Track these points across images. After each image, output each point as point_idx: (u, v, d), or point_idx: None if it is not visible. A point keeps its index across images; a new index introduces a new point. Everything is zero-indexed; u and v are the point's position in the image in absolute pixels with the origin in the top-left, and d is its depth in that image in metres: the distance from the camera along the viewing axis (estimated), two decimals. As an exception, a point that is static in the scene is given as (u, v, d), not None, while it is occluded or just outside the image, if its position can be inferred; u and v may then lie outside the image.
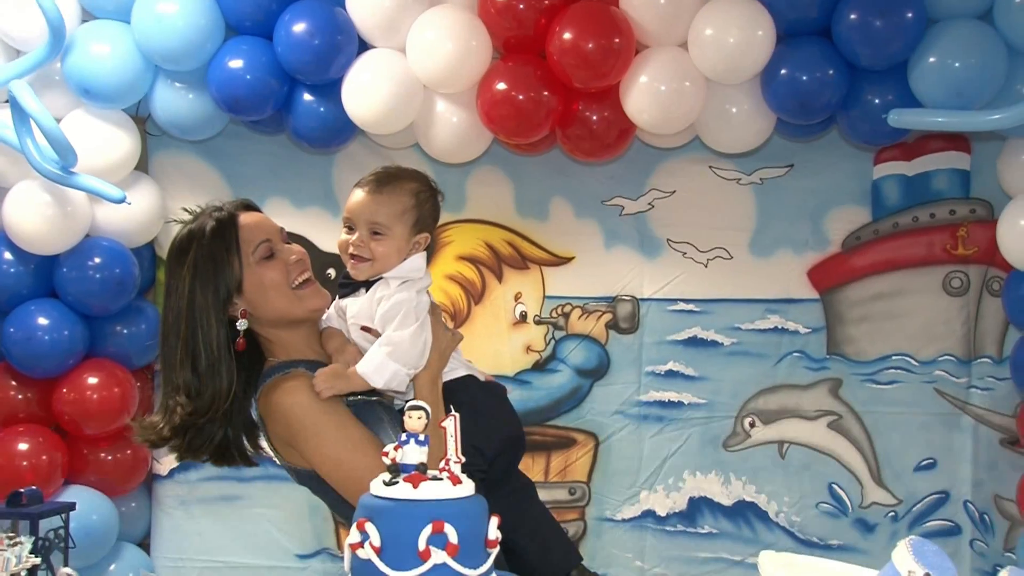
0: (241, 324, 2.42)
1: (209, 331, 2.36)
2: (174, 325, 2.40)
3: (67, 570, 3.26)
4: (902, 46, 3.74)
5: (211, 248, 2.39)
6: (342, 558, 3.15)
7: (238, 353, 2.41)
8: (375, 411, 2.43)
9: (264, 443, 2.48)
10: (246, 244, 2.42)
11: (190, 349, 2.37)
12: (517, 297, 4.49)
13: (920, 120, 3.81)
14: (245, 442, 2.50)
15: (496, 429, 2.48)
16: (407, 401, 2.35)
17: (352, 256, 2.45)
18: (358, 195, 2.48)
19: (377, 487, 1.83)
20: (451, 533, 1.75)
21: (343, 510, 2.39)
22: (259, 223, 2.47)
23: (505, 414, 2.57)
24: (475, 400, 2.47)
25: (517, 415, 2.62)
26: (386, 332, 2.38)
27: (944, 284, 4.33)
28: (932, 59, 3.72)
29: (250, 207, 2.53)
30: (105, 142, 4.10)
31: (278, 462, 2.48)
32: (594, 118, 4.03)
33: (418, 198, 2.45)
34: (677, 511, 4.44)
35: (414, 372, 2.37)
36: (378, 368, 2.34)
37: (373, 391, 2.45)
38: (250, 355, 2.45)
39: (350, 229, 2.47)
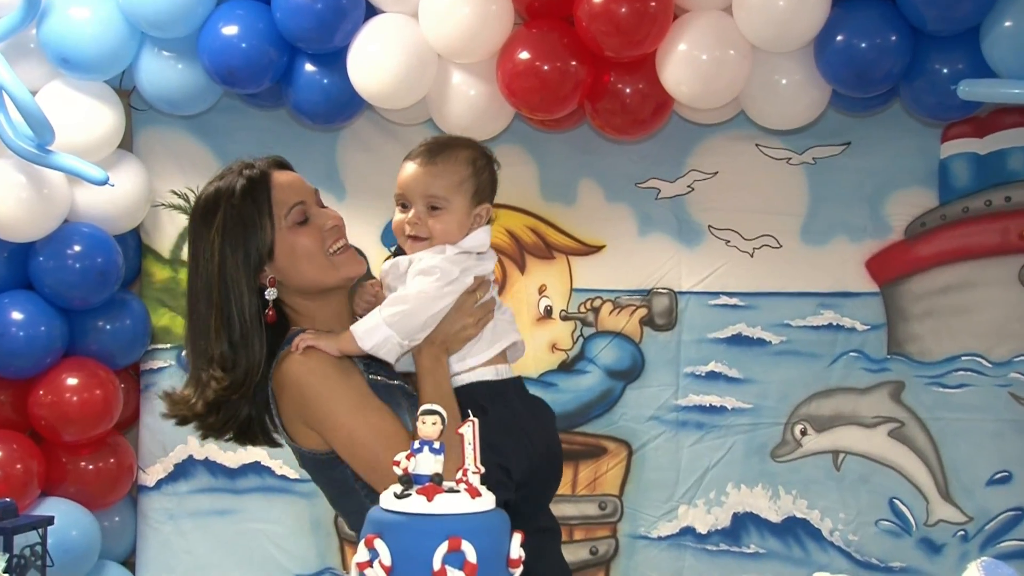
0: (270, 293, 2.43)
1: (241, 299, 2.38)
2: (204, 291, 2.40)
3: (44, 591, 3.28)
4: (974, 8, 3.72)
5: (241, 209, 2.39)
6: (347, 579, 3.15)
7: (266, 325, 2.43)
8: (394, 395, 2.44)
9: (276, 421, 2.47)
10: (279, 206, 2.43)
11: (225, 317, 2.38)
12: (542, 290, 4.49)
13: (994, 92, 3.79)
14: (267, 420, 2.50)
15: (531, 448, 2.44)
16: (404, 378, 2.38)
17: (410, 237, 2.45)
18: (410, 168, 2.48)
19: (388, 500, 1.83)
20: (469, 551, 1.74)
21: (345, 505, 2.41)
22: (293, 183, 2.49)
23: (546, 435, 2.54)
24: (511, 410, 2.45)
25: (559, 441, 2.59)
26: (398, 291, 2.38)
27: (1020, 276, 4.31)
28: (1008, 23, 3.69)
29: (283, 165, 2.54)
30: (85, 117, 4.11)
31: (285, 442, 2.47)
32: (627, 91, 4.03)
33: (475, 166, 2.46)
34: (719, 528, 4.44)
35: (408, 344, 2.35)
36: (370, 329, 2.33)
37: (394, 374, 2.47)
38: (272, 327, 2.45)
39: (404, 207, 2.47)
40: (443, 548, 1.74)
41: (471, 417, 1.86)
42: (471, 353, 2.45)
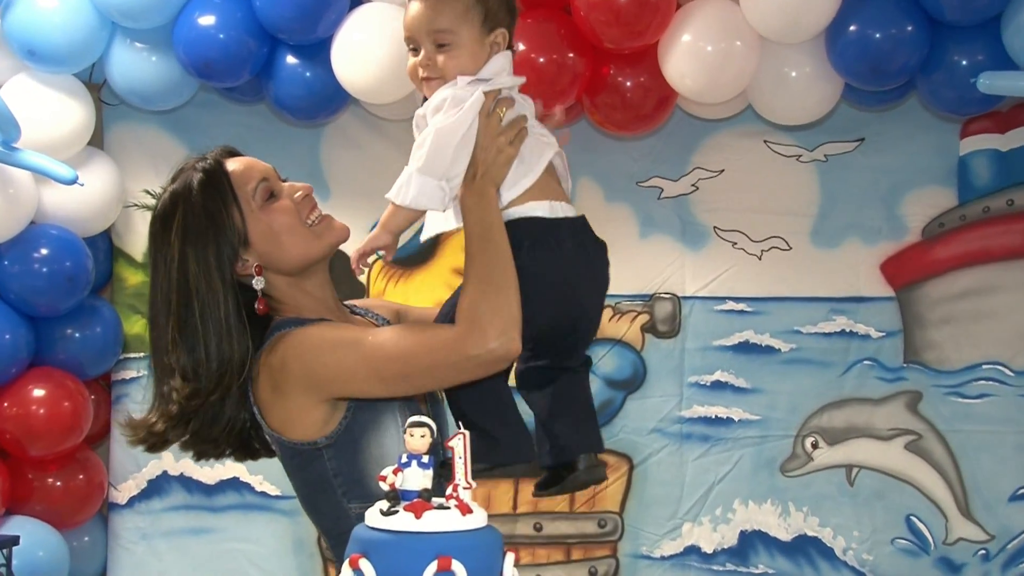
0: (258, 282, 2.41)
1: (213, 300, 2.35)
2: (163, 302, 2.39)
3: (9, 615, 3.27)
4: (994, -3, 3.74)
5: (204, 203, 2.37)
6: (331, 602, 3.15)
7: (253, 318, 2.41)
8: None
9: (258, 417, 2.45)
10: (242, 190, 2.41)
11: (183, 326, 2.36)
12: (538, 295, 4.48)
13: (1016, 85, 3.80)
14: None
15: (569, 302, 2.40)
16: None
17: (423, 79, 2.41)
18: (413, 7, 2.45)
19: (373, 517, 1.83)
20: (459, 570, 1.74)
21: (320, 504, 2.40)
22: (250, 164, 2.48)
23: (594, 289, 2.50)
24: (559, 253, 2.38)
25: (603, 299, 2.55)
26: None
27: (1045, 279, 4.33)
28: (1030, 12, 3.70)
29: (234, 152, 2.54)
30: (53, 113, 4.10)
31: (264, 429, 2.45)
32: (628, 84, 4.04)
33: None
34: (726, 547, 4.44)
35: (447, 184, 2.29)
36: (402, 184, 2.29)
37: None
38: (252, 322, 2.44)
39: (415, 50, 2.46)
40: (432, 568, 1.74)
41: (461, 430, 1.85)
42: (518, 175, 2.37)
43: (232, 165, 2.45)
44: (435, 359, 2.18)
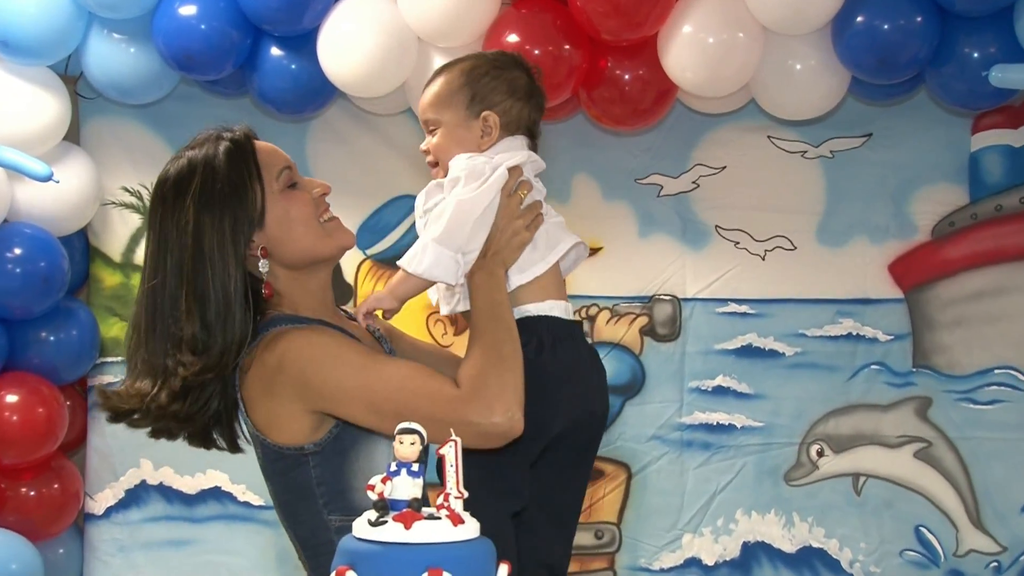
0: (264, 265, 2.42)
1: (224, 271, 2.34)
2: (175, 267, 2.36)
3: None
4: (1007, -14, 3.74)
5: (229, 173, 2.38)
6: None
7: (254, 302, 2.41)
8: None
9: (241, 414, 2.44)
10: (267, 169, 2.43)
11: (198, 294, 2.34)
12: (532, 297, 4.48)
13: (1029, 78, 3.81)
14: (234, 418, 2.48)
15: (587, 400, 2.46)
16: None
17: (429, 164, 2.52)
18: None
19: (361, 528, 1.82)
20: (451, 584, 1.74)
21: (299, 512, 2.40)
22: (276, 149, 2.51)
23: (602, 388, 2.55)
24: (578, 354, 2.45)
25: (608, 398, 2.58)
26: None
27: (1060, 280, 4.34)
28: (1044, 2, 3.71)
29: (256, 136, 2.54)
30: (27, 106, 4.10)
31: (248, 435, 2.43)
32: (626, 77, 4.05)
33: (471, 75, 2.50)
34: (728, 559, 4.44)
35: (462, 258, 2.35)
36: (417, 253, 2.34)
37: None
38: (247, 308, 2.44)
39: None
40: (423, 581, 1.73)
41: (453, 436, 1.85)
42: (530, 261, 2.45)
43: (260, 144, 2.48)
44: (434, 412, 2.19)
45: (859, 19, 3.83)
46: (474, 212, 2.34)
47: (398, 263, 2.37)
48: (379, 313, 2.44)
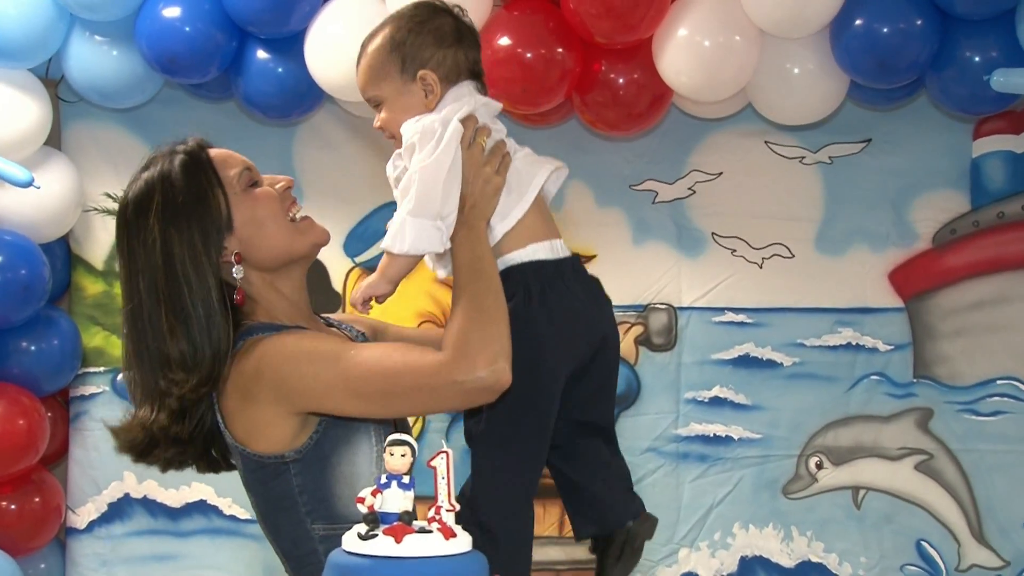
0: (238, 271, 2.42)
1: (201, 283, 2.35)
2: (149, 288, 2.37)
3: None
4: (1008, -11, 3.76)
5: (188, 185, 2.39)
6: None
7: (232, 308, 2.42)
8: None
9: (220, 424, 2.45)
10: (225, 174, 2.44)
11: (178, 311, 2.35)
12: (525, 305, 4.49)
13: (1031, 82, 3.82)
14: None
15: (590, 337, 2.44)
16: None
17: (387, 138, 2.50)
18: None
19: (351, 542, 1.83)
20: (443, 598, 1.75)
21: (280, 522, 2.40)
22: (231, 153, 2.51)
23: (605, 321, 2.52)
24: (571, 294, 2.42)
25: (617, 330, 2.56)
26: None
27: (1063, 289, 4.35)
28: (1047, 6, 3.73)
29: (209, 145, 2.55)
30: (7, 110, 4.10)
31: (227, 438, 2.44)
32: (620, 81, 4.05)
33: (394, 40, 2.45)
34: (725, 574, 4.45)
35: (443, 223, 2.32)
36: (396, 231, 2.31)
37: None
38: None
39: None
40: (414, 596, 1.74)
41: (445, 448, 1.86)
42: (508, 205, 2.42)
43: (213, 152, 2.48)
44: (418, 381, 2.19)
45: (858, 22, 3.84)
46: (439, 175, 2.31)
47: (381, 246, 2.34)
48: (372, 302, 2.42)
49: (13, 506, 4.28)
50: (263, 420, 2.33)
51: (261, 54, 4.08)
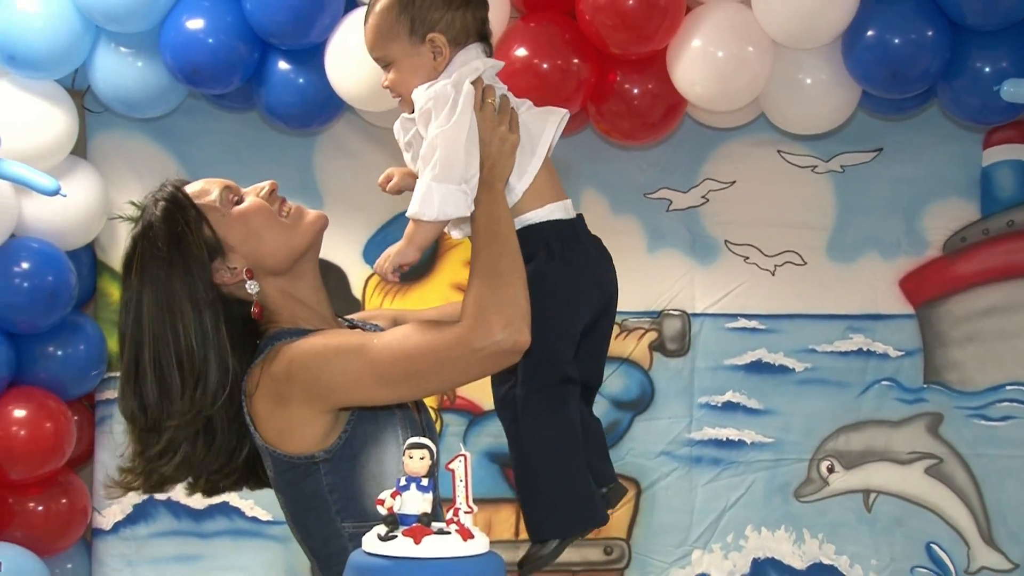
0: (252, 287, 2.44)
1: (183, 335, 2.38)
2: (120, 349, 2.42)
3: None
4: (1019, 0, 3.73)
5: (168, 230, 2.40)
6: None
7: (244, 325, 2.44)
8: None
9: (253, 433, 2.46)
10: (204, 201, 2.46)
11: (131, 371, 2.40)
12: (541, 312, 4.49)
13: (1041, 92, 3.81)
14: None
15: (601, 294, 2.46)
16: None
17: (394, 98, 2.48)
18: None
19: (371, 543, 1.83)
20: (461, 599, 1.74)
21: (310, 521, 2.41)
22: (206, 182, 2.52)
23: (612, 278, 2.52)
24: (587, 253, 2.43)
25: (617, 285, 2.55)
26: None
27: (1072, 296, 4.34)
28: (1056, 17, 3.72)
29: (187, 182, 2.56)
30: (34, 120, 4.10)
31: (257, 442, 2.44)
32: (635, 91, 4.05)
33: (401, 2, 2.41)
34: (738, 576, 4.43)
35: (467, 186, 2.30)
36: (424, 197, 2.28)
37: None
38: (240, 336, 2.46)
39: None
40: (432, 596, 1.74)
41: (463, 451, 1.85)
42: (523, 162, 2.41)
43: (190, 187, 2.49)
44: (440, 356, 2.19)
45: (869, 33, 3.84)
46: (459, 138, 2.29)
47: (407, 214, 2.30)
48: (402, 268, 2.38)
49: (40, 507, 4.29)
50: (295, 421, 2.33)
51: (282, 65, 4.09)
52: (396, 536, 1.80)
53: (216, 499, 4.42)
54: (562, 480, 2.34)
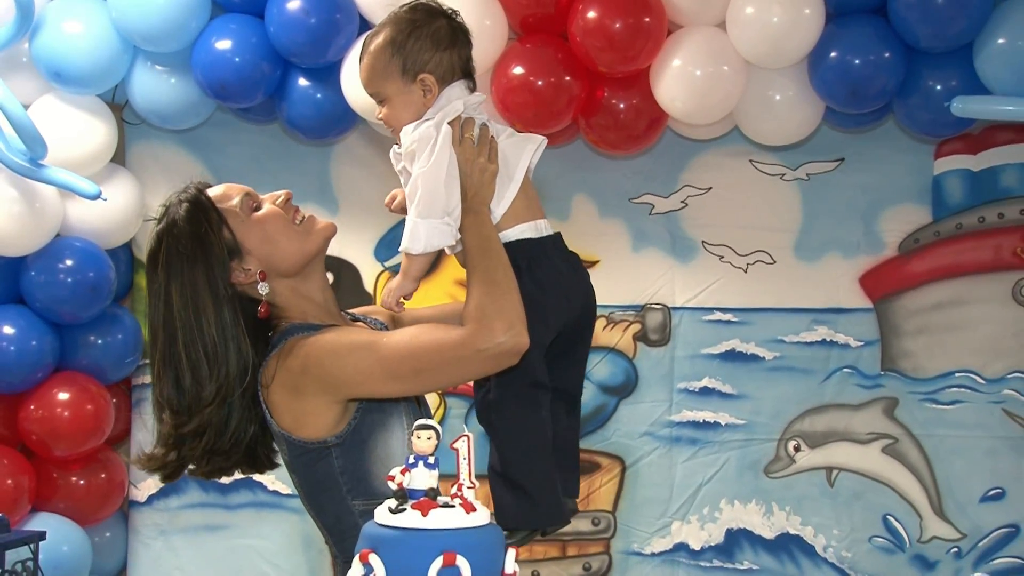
0: (263, 288, 2.44)
1: (198, 324, 2.38)
2: (151, 338, 2.42)
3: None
4: (967, 25, 3.74)
5: (191, 229, 2.40)
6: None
7: (255, 320, 2.44)
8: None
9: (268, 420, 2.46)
10: (226, 205, 2.45)
11: (167, 357, 2.39)
12: (535, 305, 4.49)
13: (987, 108, 3.81)
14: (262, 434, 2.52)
15: (568, 304, 2.43)
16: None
17: (387, 128, 2.49)
18: None
19: (382, 515, 1.84)
20: (464, 566, 1.75)
21: (323, 501, 2.41)
22: (228, 187, 2.51)
23: (583, 292, 2.50)
24: (554, 268, 2.42)
25: (594, 297, 2.54)
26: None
27: (1014, 293, 4.32)
28: (1001, 40, 3.71)
29: (208, 185, 2.55)
30: (78, 131, 4.11)
31: (273, 428, 2.45)
32: (621, 106, 4.05)
33: (395, 43, 2.42)
34: (713, 544, 4.44)
35: (450, 218, 2.32)
36: (410, 233, 2.31)
37: None
38: (253, 330, 2.46)
39: None
40: (438, 563, 1.74)
41: (465, 432, 1.86)
42: (501, 188, 2.41)
43: (212, 191, 2.49)
44: (446, 356, 2.21)
45: (832, 54, 3.84)
46: (439, 176, 2.31)
47: (400, 249, 2.34)
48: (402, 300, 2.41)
49: (82, 481, 4.30)
50: (309, 410, 2.34)
51: (302, 82, 4.09)
52: (405, 509, 1.81)
53: (239, 475, 4.48)
54: (535, 476, 2.34)
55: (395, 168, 2.46)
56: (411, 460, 1.85)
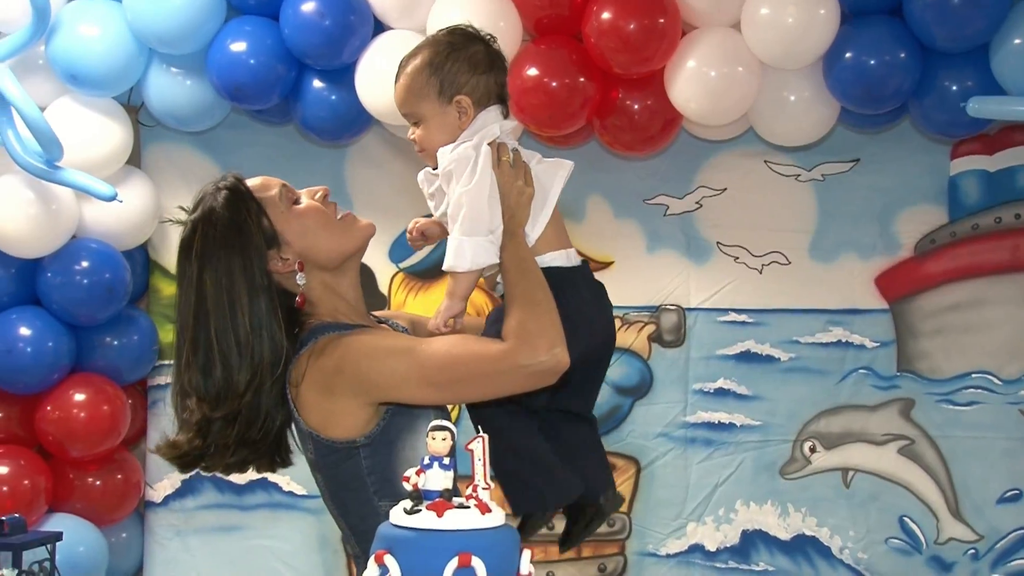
0: (301, 278, 2.44)
1: (232, 311, 2.36)
2: (181, 326, 2.40)
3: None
4: (983, 26, 3.74)
5: (230, 217, 2.39)
6: (355, 596, 3.16)
7: (286, 313, 2.42)
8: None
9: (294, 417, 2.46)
10: (265, 196, 2.45)
11: (197, 345, 2.37)
12: (549, 306, 4.49)
13: (1003, 109, 3.80)
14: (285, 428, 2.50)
15: (591, 337, 2.43)
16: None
17: (418, 152, 2.48)
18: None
19: (397, 516, 1.84)
20: (479, 567, 1.75)
21: (349, 501, 2.41)
22: (265, 179, 2.51)
23: (606, 323, 2.52)
24: (580, 299, 2.43)
25: (615, 330, 2.56)
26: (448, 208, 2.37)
27: (1031, 293, 4.32)
28: (1017, 40, 3.71)
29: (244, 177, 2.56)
30: (94, 133, 4.13)
31: (299, 433, 2.44)
32: (636, 107, 4.05)
33: (433, 65, 2.42)
34: (728, 546, 4.43)
35: (493, 236, 2.33)
36: (456, 251, 2.32)
37: None
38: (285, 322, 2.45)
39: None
40: (453, 564, 1.74)
41: (481, 433, 1.86)
42: (536, 212, 2.42)
43: (250, 181, 2.49)
44: (486, 368, 2.21)
45: (848, 55, 3.84)
46: (482, 195, 2.31)
47: (444, 268, 2.33)
48: (450, 321, 2.40)
49: (98, 482, 4.32)
50: (340, 411, 2.34)
51: (317, 84, 4.10)
52: (421, 510, 1.81)
53: (256, 475, 4.48)
54: (523, 462, 2.35)
55: (424, 191, 2.46)
56: (426, 461, 1.85)
